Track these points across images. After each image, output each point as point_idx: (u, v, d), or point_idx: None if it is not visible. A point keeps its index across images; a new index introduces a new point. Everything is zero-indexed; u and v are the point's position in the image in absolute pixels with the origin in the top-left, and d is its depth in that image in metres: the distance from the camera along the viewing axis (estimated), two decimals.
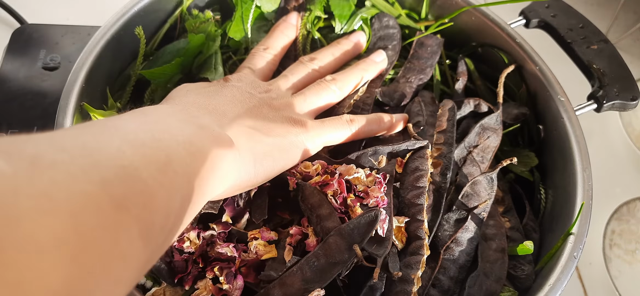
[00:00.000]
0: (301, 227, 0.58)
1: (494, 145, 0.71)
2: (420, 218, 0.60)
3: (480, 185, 0.66)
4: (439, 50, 0.80)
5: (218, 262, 0.56)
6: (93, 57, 0.69)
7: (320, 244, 0.54)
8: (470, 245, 0.63)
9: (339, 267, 0.53)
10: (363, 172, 0.60)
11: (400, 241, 0.59)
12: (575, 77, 0.80)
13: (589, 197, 0.66)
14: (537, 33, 0.84)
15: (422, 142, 0.66)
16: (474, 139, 0.71)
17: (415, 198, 0.61)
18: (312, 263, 0.53)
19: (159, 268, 0.57)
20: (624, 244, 0.90)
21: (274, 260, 0.56)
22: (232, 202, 0.60)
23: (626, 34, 1.19)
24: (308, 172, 0.60)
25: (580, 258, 0.61)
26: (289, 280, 0.53)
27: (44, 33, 0.97)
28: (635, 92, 0.75)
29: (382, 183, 0.60)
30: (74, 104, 0.65)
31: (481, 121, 0.71)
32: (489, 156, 0.70)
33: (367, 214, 0.55)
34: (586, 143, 0.70)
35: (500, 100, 0.74)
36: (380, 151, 0.64)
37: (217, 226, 0.58)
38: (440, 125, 0.70)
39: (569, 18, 0.83)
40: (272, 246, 0.57)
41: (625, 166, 1.01)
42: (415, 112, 0.72)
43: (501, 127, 0.72)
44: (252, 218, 0.59)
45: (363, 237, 0.54)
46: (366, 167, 0.63)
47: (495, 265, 0.62)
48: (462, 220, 0.64)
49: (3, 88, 0.88)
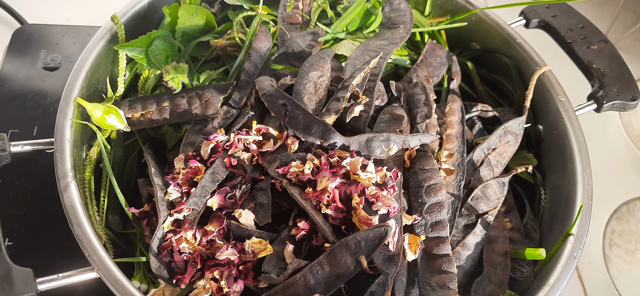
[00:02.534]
0: (308, 222, 0.57)
1: (511, 151, 0.70)
2: (444, 235, 0.58)
3: (491, 189, 0.66)
4: (448, 63, 0.79)
5: (218, 267, 0.56)
6: (93, 57, 0.69)
7: (325, 254, 0.54)
8: (477, 250, 0.63)
9: (343, 278, 0.53)
10: (374, 172, 0.58)
11: (413, 252, 0.57)
12: (575, 77, 0.80)
13: (589, 197, 0.66)
14: (537, 33, 0.84)
15: (432, 137, 0.64)
16: (495, 142, 0.69)
17: (435, 212, 0.59)
18: (316, 272, 0.53)
19: (159, 268, 0.57)
20: (624, 244, 0.90)
21: (271, 257, 0.56)
22: (224, 191, 0.60)
23: (626, 34, 1.19)
24: (302, 171, 0.59)
25: (580, 258, 0.61)
26: (293, 288, 0.53)
27: (45, 33, 0.97)
28: (635, 92, 0.75)
29: (395, 187, 0.58)
30: (75, 104, 0.65)
31: (505, 124, 0.70)
32: (505, 161, 0.69)
33: (376, 229, 0.53)
34: (586, 143, 0.70)
35: (528, 104, 0.73)
36: (393, 140, 0.62)
37: (213, 224, 0.58)
38: (450, 125, 0.68)
39: (569, 18, 0.83)
40: (266, 242, 0.57)
41: (625, 166, 1.01)
42: (418, 100, 0.69)
43: (522, 133, 0.71)
44: (256, 218, 0.59)
45: (370, 251, 0.53)
46: (375, 153, 0.61)
47: (497, 269, 0.62)
48: (471, 226, 0.63)
49: (3, 88, 0.88)
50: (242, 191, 0.61)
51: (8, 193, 0.78)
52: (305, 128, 0.60)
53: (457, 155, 0.65)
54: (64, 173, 0.59)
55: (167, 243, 0.57)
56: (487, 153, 0.69)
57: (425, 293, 0.55)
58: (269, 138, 0.63)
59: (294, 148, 0.61)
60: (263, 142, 0.63)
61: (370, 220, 0.54)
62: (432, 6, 0.87)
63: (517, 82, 0.81)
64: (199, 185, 0.59)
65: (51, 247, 0.73)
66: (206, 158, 0.62)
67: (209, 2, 0.84)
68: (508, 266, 0.62)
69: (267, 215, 0.59)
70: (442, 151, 0.66)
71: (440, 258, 0.57)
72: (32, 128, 0.84)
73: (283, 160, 0.59)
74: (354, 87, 0.65)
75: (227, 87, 0.67)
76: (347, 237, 0.53)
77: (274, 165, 0.60)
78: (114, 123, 0.64)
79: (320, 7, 0.80)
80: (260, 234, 0.58)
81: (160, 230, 0.58)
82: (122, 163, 0.69)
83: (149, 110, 0.67)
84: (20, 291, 0.50)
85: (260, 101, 0.67)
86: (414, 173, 0.63)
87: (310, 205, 0.56)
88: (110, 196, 0.64)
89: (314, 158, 0.58)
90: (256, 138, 0.63)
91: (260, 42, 0.71)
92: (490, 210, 0.64)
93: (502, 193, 0.66)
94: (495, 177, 0.67)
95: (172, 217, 0.58)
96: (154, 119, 0.66)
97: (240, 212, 0.59)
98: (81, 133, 0.66)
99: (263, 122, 0.66)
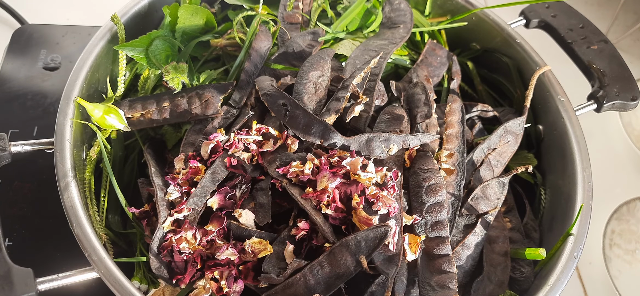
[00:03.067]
0: (308, 222, 0.57)
1: (511, 151, 0.70)
2: (444, 235, 0.58)
3: (491, 189, 0.66)
4: (448, 63, 0.79)
5: (218, 267, 0.56)
6: (93, 57, 0.69)
7: (325, 254, 0.54)
8: (477, 250, 0.62)
9: (344, 278, 0.53)
10: (374, 172, 0.58)
11: (413, 252, 0.57)
12: (575, 77, 0.80)
13: (589, 197, 0.66)
14: (537, 33, 0.84)
15: (432, 137, 0.65)
16: (495, 142, 0.69)
17: (435, 212, 0.59)
18: (317, 272, 0.53)
19: (159, 268, 0.57)
20: (624, 244, 0.90)
21: (272, 257, 0.56)
22: (224, 190, 0.60)
23: (626, 34, 1.19)
24: (302, 171, 0.59)
25: (580, 258, 0.61)
26: (293, 288, 0.53)
27: (45, 33, 0.97)
28: (635, 92, 0.75)
29: (395, 188, 0.58)
30: (75, 104, 0.65)
31: (505, 124, 0.70)
32: (505, 161, 0.69)
33: (376, 229, 0.53)
34: (586, 143, 0.70)
35: (528, 104, 0.73)
36: (393, 140, 0.62)
37: (213, 224, 0.58)
38: (450, 125, 0.68)
39: (569, 18, 0.83)
40: (266, 242, 0.57)
41: (625, 166, 1.01)
42: (418, 100, 0.69)
43: (522, 133, 0.71)
44: (256, 218, 0.59)
45: (370, 252, 0.53)
46: (375, 153, 0.61)
47: (497, 269, 0.62)
48: (471, 226, 0.63)
49: (3, 88, 0.88)
50: (242, 191, 0.61)
51: (8, 193, 0.78)
52: (305, 128, 0.60)
53: (457, 155, 0.65)
54: (64, 173, 0.59)
55: (167, 243, 0.57)
56: (487, 153, 0.69)
57: (426, 293, 0.55)
58: (269, 138, 0.63)
59: (294, 148, 0.61)
60: (263, 141, 0.63)
61: (371, 220, 0.54)
62: (432, 6, 0.87)
63: (517, 82, 0.81)
64: (199, 185, 0.59)
65: (51, 247, 0.73)
66: (206, 158, 0.62)
67: (209, 1, 0.84)
68: (508, 266, 0.62)
69: (267, 215, 0.59)
70: (442, 151, 0.66)
71: (440, 258, 0.57)
72: (32, 128, 0.84)
73: (283, 160, 0.59)
74: (354, 86, 0.65)
75: (227, 86, 0.67)
76: (347, 237, 0.53)
77: (274, 165, 0.60)
78: (114, 123, 0.64)
79: (321, 7, 0.80)
80: (260, 234, 0.58)
81: (160, 230, 0.58)
82: (122, 163, 0.69)
83: (149, 110, 0.67)
84: (20, 291, 0.50)
85: (260, 101, 0.67)
86: (414, 173, 0.63)
87: (310, 205, 0.56)
88: (110, 196, 0.64)
89: (314, 158, 0.58)
90: (256, 138, 0.62)
91: (260, 41, 0.71)
92: (490, 210, 0.64)
93: (503, 193, 0.66)
94: (495, 177, 0.67)
95: (172, 217, 0.58)
96: (154, 119, 0.66)
97: (240, 212, 0.59)
98: (81, 133, 0.66)
99: (263, 122, 0.66)
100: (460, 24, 0.83)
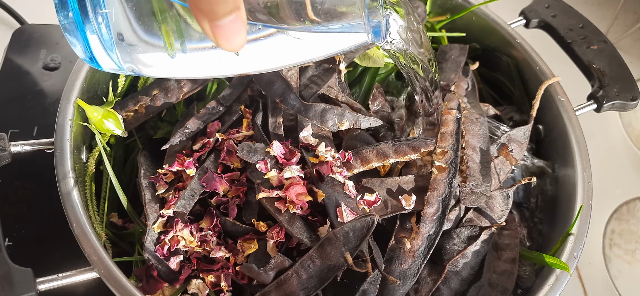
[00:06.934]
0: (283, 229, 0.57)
1: (516, 159, 0.69)
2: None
3: (495, 201, 0.65)
4: (465, 55, 0.78)
5: (211, 271, 0.56)
6: None
7: (314, 247, 0.54)
8: (476, 259, 0.62)
9: (336, 270, 0.53)
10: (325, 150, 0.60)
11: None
12: (575, 77, 0.80)
13: (589, 197, 0.66)
14: (537, 33, 0.84)
15: (378, 122, 0.66)
16: (494, 151, 0.68)
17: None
18: (308, 266, 0.53)
19: (157, 268, 0.57)
20: (624, 244, 0.90)
21: (258, 252, 0.56)
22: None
23: (626, 34, 1.19)
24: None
25: (580, 258, 0.61)
26: (286, 285, 0.53)
27: (44, 33, 0.97)
28: (635, 92, 0.75)
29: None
30: (75, 105, 0.65)
31: (509, 132, 0.70)
32: (508, 169, 0.68)
33: (363, 218, 0.53)
34: (586, 143, 0.70)
35: (534, 113, 0.72)
36: (346, 116, 0.63)
37: (206, 221, 0.58)
38: (446, 123, 0.67)
39: (569, 18, 0.83)
40: (253, 240, 0.57)
41: (625, 166, 1.01)
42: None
43: (527, 142, 0.71)
44: (243, 216, 0.60)
45: (359, 241, 0.53)
46: (327, 124, 0.62)
47: (502, 276, 0.61)
48: (474, 237, 0.63)
49: (3, 88, 0.88)
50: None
51: (8, 193, 0.78)
52: (267, 84, 0.61)
53: (451, 152, 0.64)
54: (64, 174, 0.59)
55: (162, 243, 0.57)
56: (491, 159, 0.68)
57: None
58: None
59: (247, 126, 0.63)
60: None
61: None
62: (432, 6, 0.87)
63: (516, 81, 0.81)
64: (188, 187, 0.59)
65: (51, 247, 0.73)
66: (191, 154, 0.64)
67: None
68: (515, 273, 0.61)
69: (254, 212, 0.60)
70: (436, 149, 0.65)
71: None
72: (32, 128, 0.84)
73: (245, 150, 0.60)
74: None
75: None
76: (335, 229, 0.53)
77: (254, 175, 0.60)
78: (112, 128, 0.63)
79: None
80: (247, 230, 0.59)
81: (151, 232, 0.58)
82: (122, 162, 0.69)
83: (141, 104, 0.67)
84: (20, 291, 0.50)
85: (254, 100, 0.68)
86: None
87: (281, 214, 0.57)
88: (111, 196, 0.64)
89: (278, 154, 0.59)
90: (246, 134, 0.63)
91: None
92: (494, 226, 0.63)
93: (507, 206, 0.65)
94: (499, 188, 0.66)
95: (164, 218, 0.58)
96: (150, 107, 0.67)
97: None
98: (81, 134, 0.66)
99: (255, 122, 0.66)
100: (460, 35, 0.83)
